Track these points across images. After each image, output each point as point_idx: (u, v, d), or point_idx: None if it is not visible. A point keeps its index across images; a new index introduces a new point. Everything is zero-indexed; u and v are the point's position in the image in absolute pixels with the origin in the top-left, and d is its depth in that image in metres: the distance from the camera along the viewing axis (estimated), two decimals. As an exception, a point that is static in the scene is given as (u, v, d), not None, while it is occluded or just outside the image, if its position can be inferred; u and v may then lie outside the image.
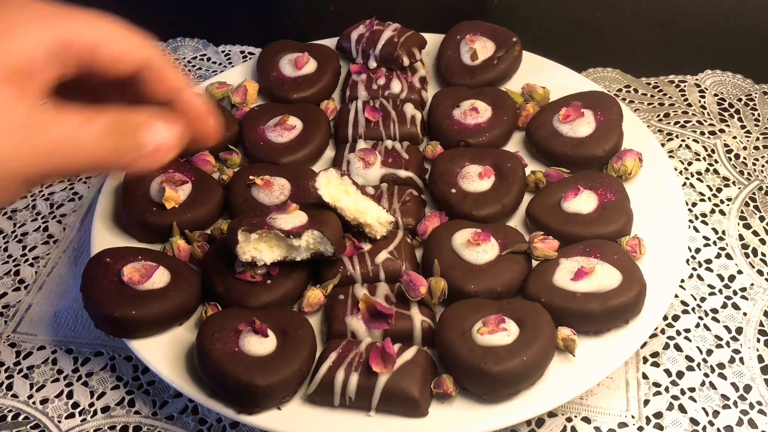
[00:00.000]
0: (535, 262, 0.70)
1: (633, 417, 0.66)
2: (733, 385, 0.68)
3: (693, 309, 0.73)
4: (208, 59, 1.03)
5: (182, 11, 1.12)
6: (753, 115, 0.91)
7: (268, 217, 0.68)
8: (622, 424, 0.66)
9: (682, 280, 0.75)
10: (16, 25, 0.45)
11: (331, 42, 0.93)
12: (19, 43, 0.45)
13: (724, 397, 0.67)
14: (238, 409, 0.62)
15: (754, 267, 0.76)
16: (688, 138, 0.89)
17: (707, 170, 0.85)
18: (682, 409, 0.67)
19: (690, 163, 0.86)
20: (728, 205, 0.82)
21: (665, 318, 0.72)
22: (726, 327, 0.72)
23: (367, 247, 0.71)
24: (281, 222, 0.67)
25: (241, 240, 0.66)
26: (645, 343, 0.70)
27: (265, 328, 0.63)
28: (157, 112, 0.48)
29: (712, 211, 0.81)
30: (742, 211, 0.81)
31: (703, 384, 0.68)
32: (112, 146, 0.46)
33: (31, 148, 0.44)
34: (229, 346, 0.62)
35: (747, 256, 0.77)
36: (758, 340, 0.71)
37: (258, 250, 0.67)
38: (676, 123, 0.90)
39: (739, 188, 0.83)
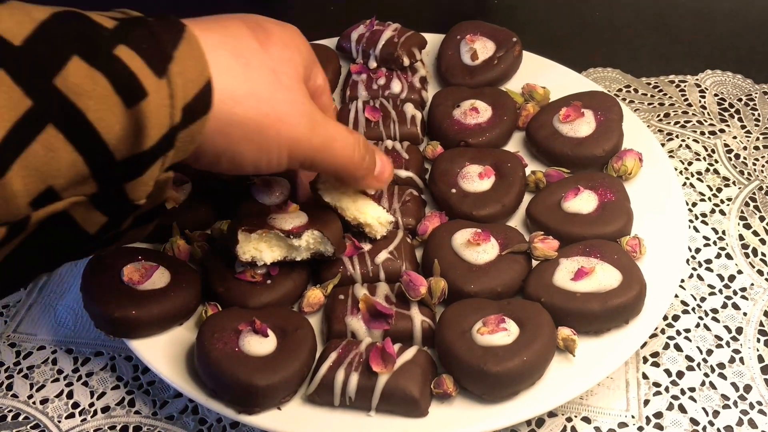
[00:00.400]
0: (535, 262, 0.70)
1: (633, 417, 0.66)
2: (733, 385, 0.68)
3: (693, 309, 0.73)
4: (208, 59, 1.03)
5: (182, 11, 1.12)
6: (753, 115, 0.91)
7: (268, 217, 0.68)
8: (622, 424, 0.66)
9: (682, 280, 0.75)
10: (299, 44, 0.59)
11: (331, 42, 0.93)
12: (302, 60, 0.58)
13: (724, 397, 0.67)
14: (238, 409, 0.62)
15: (754, 267, 0.76)
16: (689, 138, 0.89)
17: (707, 170, 0.85)
18: (682, 409, 0.67)
19: (690, 163, 0.86)
20: (728, 205, 0.82)
21: (665, 318, 0.72)
22: (726, 327, 0.72)
23: (367, 247, 0.71)
24: (281, 222, 0.67)
25: (241, 240, 0.66)
26: (645, 343, 0.70)
27: (265, 328, 0.63)
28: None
29: (712, 211, 0.81)
30: (742, 211, 0.81)
31: (703, 384, 0.68)
32: (360, 156, 0.61)
33: (314, 134, 0.56)
34: (229, 346, 0.62)
35: (747, 256, 0.77)
36: (758, 340, 0.71)
37: (258, 250, 0.67)
38: (676, 123, 0.90)
39: (740, 188, 0.83)
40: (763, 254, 0.77)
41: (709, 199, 0.82)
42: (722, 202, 0.82)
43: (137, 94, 0.44)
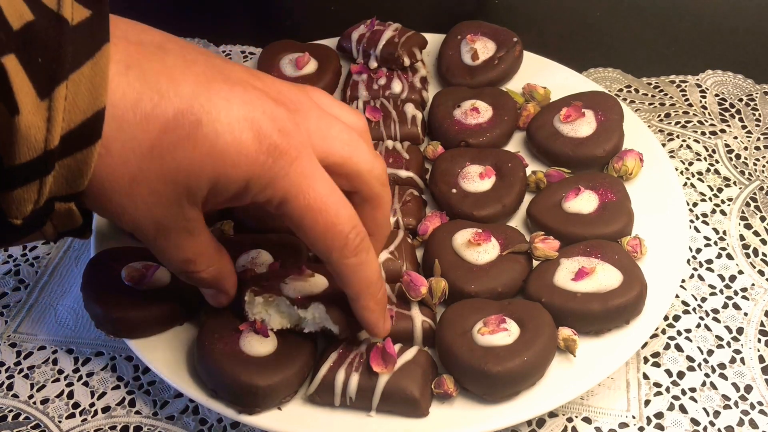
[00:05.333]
0: (535, 263, 0.70)
1: (634, 417, 0.66)
2: (734, 385, 0.68)
3: (694, 309, 0.73)
4: (209, 59, 1.03)
5: (182, 11, 1.12)
6: (754, 115, 0.91)
7: (283, 280, 0.63)
8: (623, 425, 0.66)
9: (683, 281, 0.75)
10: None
11: (331, 42, 0.93)
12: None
13: (725, 397, 0.67)
14: (239, 409, 0.62)
15: (755, 267, 0.76)
16: (689, 138, 0.89)
17: (708, 170, 0.85)
18: (683, 409, 0.67)
19: (691, 163, 0.86)
20: (729, 205, 0.82)
21: (666, 318, 0.72)
22: (727, 327, 0.72)
23: (367, 247, 0.71)
24: (293, 288, 0.62)
25: (248, 301, 0.63)
26: (646, 344, 0.70)
27: (266, 328, 0.63)
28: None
29: (713, 212, 0.81)
30: (743, 212, 0.81)
31: (703, 384, 0.68)
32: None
33: None
34: (230, 346, 0.62)
35: (748, 256, 0.77)
36: (759, 341, 0.71)
37: (268, 314, 0.63)
38: (677, 123, 0.90)
39: (740, 188, 0.83)
40: (764, 254, 0.77)
41: (710, 199, 0.82)
42: (723, 202, 0.82)
43: (11, 109, 0.41)
